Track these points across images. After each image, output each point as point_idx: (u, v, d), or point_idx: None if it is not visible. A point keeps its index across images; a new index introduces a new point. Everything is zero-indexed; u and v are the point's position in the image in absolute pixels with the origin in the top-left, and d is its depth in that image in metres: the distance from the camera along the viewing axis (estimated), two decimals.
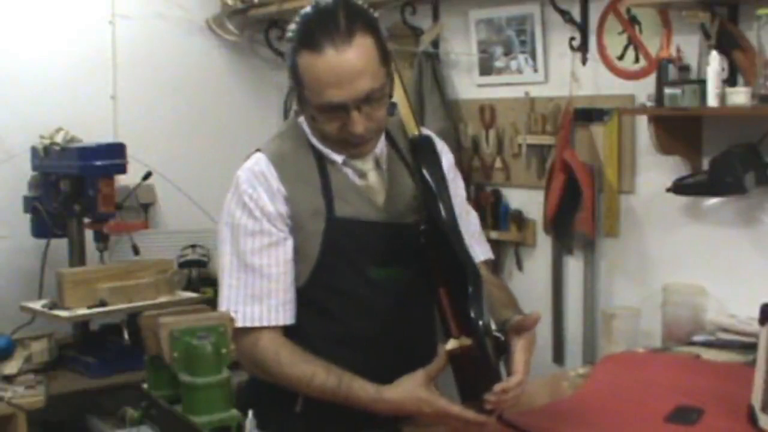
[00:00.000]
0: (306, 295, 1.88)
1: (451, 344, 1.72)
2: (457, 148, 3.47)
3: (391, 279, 1.89)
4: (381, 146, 1.95)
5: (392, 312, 1.89)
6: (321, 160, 1.90)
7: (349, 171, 1.91)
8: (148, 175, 3.50)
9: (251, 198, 1.85)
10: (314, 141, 1.90)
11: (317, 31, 1.76)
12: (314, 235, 1.85)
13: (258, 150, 1.92)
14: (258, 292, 1.84)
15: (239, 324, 1.79)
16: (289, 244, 1.86)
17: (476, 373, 1.71)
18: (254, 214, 1.84)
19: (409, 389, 1.75)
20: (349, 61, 1.75)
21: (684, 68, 2.79)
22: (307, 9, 1.83)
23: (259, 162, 1.88)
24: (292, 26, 1.83)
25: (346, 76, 1.75)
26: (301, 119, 1.95)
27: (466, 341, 1.69)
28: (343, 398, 1.80)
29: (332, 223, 1.86)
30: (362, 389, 1.79)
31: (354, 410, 1.84)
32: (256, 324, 1.84)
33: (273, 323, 1.85)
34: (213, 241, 2.89)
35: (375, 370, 1.82)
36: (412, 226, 1.87)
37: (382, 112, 1.84)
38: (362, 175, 1.92)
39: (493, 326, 1.78)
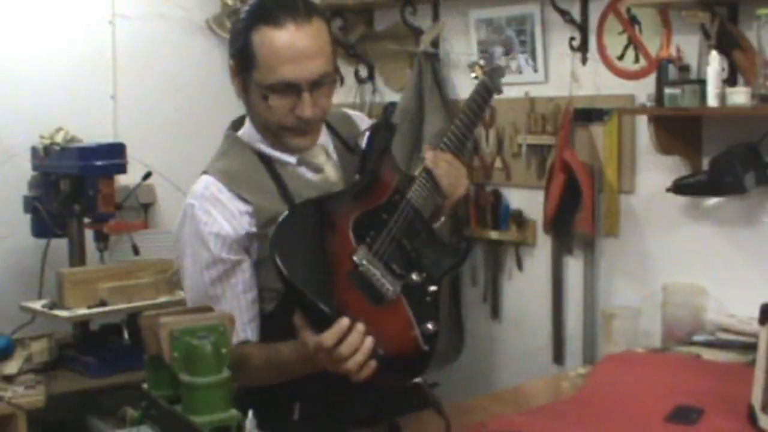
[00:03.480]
0: (285, 301, 1.84)
1: None
2: None
3: None
4: (325, 138, 1.94)
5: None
6: (271, 167, 1.87)
7: (303, 170, 1.89)
8: (148, 175, 3.50)
9: (206, 225, 1.81)
10: (262, 147, 1.88)
11: (277, 9, 1.78)
12: None
13: (204, 173, 1.88)
14: None
15: None
16: (246, 264, 1.84)
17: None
18: (209, 245, 1.81)
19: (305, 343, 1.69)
20: (308, 38, 1.77)
21: (684, 68, 2.79)
22: None
23: (209, 186, 1.84)
24: (245, 8, 1.84)
25: (304, 53, 1.76)
26: (241, 132, 1.93)
27: None
28: (279, 368, 1.78)
29: None
30: (288, 347, 1.75)
31: (350, 413, 1.83)
32: None
33: (242, 340, 1.83)
34: None
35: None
36: None
37: (327, 102, 1.84)
38: (318, 170, 1.91)
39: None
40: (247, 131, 1.92)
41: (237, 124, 1.96)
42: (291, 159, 1.88)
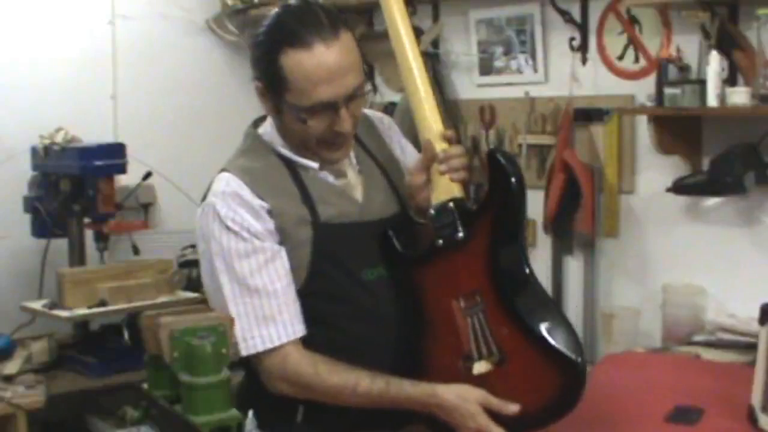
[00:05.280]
0: (300, 305, 1.84)
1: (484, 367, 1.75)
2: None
3: (384, 278, 1.86)
4: None
5: (387, 313, 1.86)
6: (293, 169, 1.86)
7: (325, 174, 1.88)
8: (148, 175, 3.49)
9: (234, 221, 1.79)
10: (285, 151, 1.86)
11: (302, 28, 1.73)
12: (303, 244, 1.81)
13: (223, 170, 1.86)
14: (269, 311, 1.79)
15: (260, 348, 1.76)
16: (284, 255, 1.81)
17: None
18: (242, 236, 1.79)
19: (467, 397, 1.73)
20: (339, 55, 1.73)
21: (684, 68, 2.79)
22: (278, 10, 1.80)
23: (230, 182, 1.82)
24: (263, 29, 1.80)
25: (337, 72, 1.72)
26: (262, 130, 1.91)
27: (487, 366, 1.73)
28: (391, 399, 1.77)
29: (319, 229, 1.82)
30: (414, 386, 1.77)
31: (354, 416, 1.83)
32: (277, 343, 1.79)
33: (292, 337, 1.80)
34: None
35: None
36: (391, 220, 1.88)
37: (360, 110, 1.84)
38: (340, 174, 1.89)
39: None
40: (269, 132, 1.90)
41: (258, 122, 1.95)
42: (313, 164, 1.86)
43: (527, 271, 1.77)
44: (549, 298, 1.82)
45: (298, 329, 1.82)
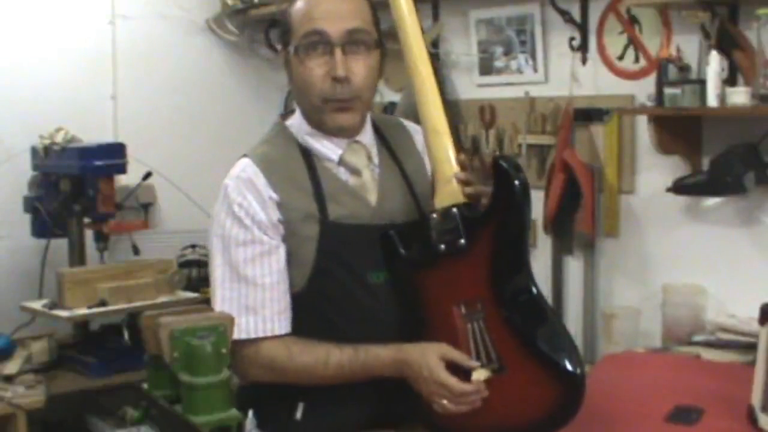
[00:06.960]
0: (303, 303, 1.85)
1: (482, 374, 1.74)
2: (457, 149, 3.47)
3: (390, 282, 1.85)
4: (370, 139, 1.93)
5: (389, 316, 1.85)
6: (311, 163, 1.87)
7: (341, 170, 1.88)
8: (148, 175, 3.49)
9: (241, 206, 1.81)
10: (308, 139, 1.88)
11: None
12: (309, 241, 1.82)
13: (244, 156, 1.89)
14: (252, 302, 1.81)
15: (236, 336, 1.75)
16: (282, 252, 1.83)
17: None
18: (244, 223, 1.81)
19: (426, 349, 1.74)
20: (341, 1, 1.81)
21: (684, 68, 2.79)
22: None
23: (246, 169, 1.85)
24: None
25: (335, 12, 1.80)
26: (289, 122, 1.92)
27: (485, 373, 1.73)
28: (361, 365, 1.78)
29: (326, 227, 1.82)
30: (382, 347, 1.78)
31: (354, 414, 1.83)
32: (252, 335, 1.80)
33: (269, 333, 1.81)
34: None
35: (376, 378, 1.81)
36: (404, 227, 1.87)
37: (365, 72, 1.84)
38: (356, 172, 1.89)
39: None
40: (295, 122, 1.92)
41: (286, 115, 1.97)
42: (333, 156, 1.87)
43: (529, 280, 1.76)
44: (550, 307, 1.81)
45: (278, 327, 1.82)
